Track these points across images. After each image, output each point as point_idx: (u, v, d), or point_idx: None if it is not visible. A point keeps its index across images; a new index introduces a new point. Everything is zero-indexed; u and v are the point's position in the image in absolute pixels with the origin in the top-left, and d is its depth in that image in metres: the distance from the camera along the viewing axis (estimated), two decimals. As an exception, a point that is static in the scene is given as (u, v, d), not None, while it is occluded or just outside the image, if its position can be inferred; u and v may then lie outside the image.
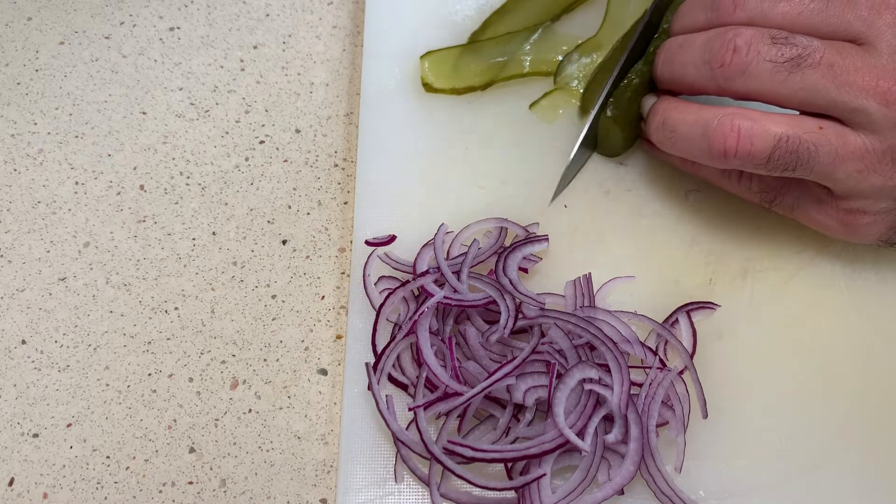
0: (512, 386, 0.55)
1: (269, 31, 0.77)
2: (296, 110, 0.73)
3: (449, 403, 0.54)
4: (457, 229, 0.63)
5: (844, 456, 0.56)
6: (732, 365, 0.59)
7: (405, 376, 0.58)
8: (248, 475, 0.58)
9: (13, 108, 0.72)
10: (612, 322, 0.58)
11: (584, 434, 0.53)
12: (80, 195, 0.68)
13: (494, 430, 0.55)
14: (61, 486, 0.57)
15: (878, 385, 0.59)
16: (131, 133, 0.71)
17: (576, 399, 0.54)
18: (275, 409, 0.60)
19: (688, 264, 0.63)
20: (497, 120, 0.69)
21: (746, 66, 0.53)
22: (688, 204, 0.65)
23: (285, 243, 0.66)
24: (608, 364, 0.56)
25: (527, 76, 0.71)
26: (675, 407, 0.56)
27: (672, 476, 0.55)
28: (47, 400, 0.60)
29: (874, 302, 0.61)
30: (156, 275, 0.65)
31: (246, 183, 0.69)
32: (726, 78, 0.54)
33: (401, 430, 0.55)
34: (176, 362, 0.61)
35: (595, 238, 0.64)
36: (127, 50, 0.76)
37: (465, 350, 0.57)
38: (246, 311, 0.63)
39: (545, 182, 0.66)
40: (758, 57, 0.52)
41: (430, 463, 0.54)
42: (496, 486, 0.53)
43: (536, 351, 0.56)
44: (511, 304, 0.57)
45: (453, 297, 0.57)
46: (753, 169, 0.54)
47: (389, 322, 0.60)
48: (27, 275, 0.65)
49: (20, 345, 0.62)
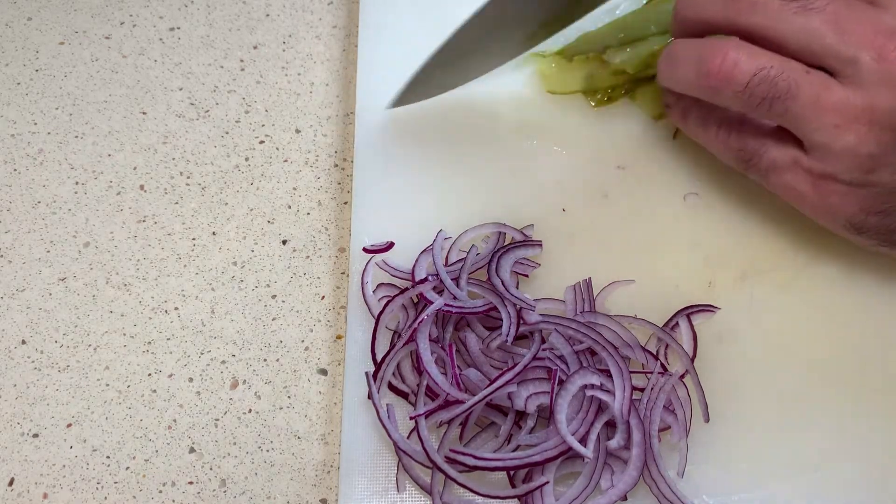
0: (513, 393, 0.53)
1: (269, 31, 0.75)
2: (296, 110, 0.71)
3: (450, 411, 0.52)
4: (455, 235, 0.61)
5: (846, 457, 0.55)
6: (733, 368, 0.57)
7: (405, 384, 0.56)
8: (248, 475, 0.56)
9: (13, 108, 0.71)
10: (613, 327, 0.56)
11: (587, 440, 0.51)
12: (80, 195, 0.67)
13: (496, 437, 0.53)
14: (61, 486, 0.56)
15: (878, 386, 0.57)
16: (131, 133, 0.70)
17: (578, 405, 0.53)
18: (275, 409, 0.58)
19: (687, 267, 0.61)
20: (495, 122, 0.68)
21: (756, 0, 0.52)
22: (686, 207, 0.63)
23: (285, 243, 0.65)
24: (609, 369, 0.54)
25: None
26: (676, 411, 0.54)
27: (675, 481, 0.53)
28: (47, 400, 0.59)
29: (874, 303, 0.60)
30: (156, 275, 0.63)
31: (246, 183, 0.67)
32: (737, 11, 0.53)
33: (402, 439, 0.53)
34: (176, 362, 0.60)
35: (594, 242, 0.62)
36: (127, 50, 0.74)
37: (466, 357, 0.56)
38: (246, 311, 0.62)
39: (545, 185, 0.64)
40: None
41: (432, 472, 0.52)
42: (499, 495, 0.51)
43: (537, 357, 0.54)
44: (512, 311, 0.55)
45: (453, 305, 0.56)
46: (732, 98, 0.53)
47: (388, 330, 0.58)
48: (27, 275, 0.63)
49: (20, 345, 0.61)
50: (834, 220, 0.55)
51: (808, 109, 0.51)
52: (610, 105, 0.67)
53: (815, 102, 0.50)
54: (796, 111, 0.51)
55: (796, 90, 0.51)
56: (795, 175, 0.55)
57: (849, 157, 0.51)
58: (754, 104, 0.52)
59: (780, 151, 0.55)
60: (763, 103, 0.52)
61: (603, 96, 0.67)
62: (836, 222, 0.55)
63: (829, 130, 0.51)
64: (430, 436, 0.53)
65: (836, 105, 0.50)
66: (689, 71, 0.55)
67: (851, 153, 0.51)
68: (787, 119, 0.52)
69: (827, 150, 0.51)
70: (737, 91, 0.52)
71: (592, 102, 0.67)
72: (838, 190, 0.53)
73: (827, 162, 0.52)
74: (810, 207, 0.56)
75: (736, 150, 0.57)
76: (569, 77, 0.68)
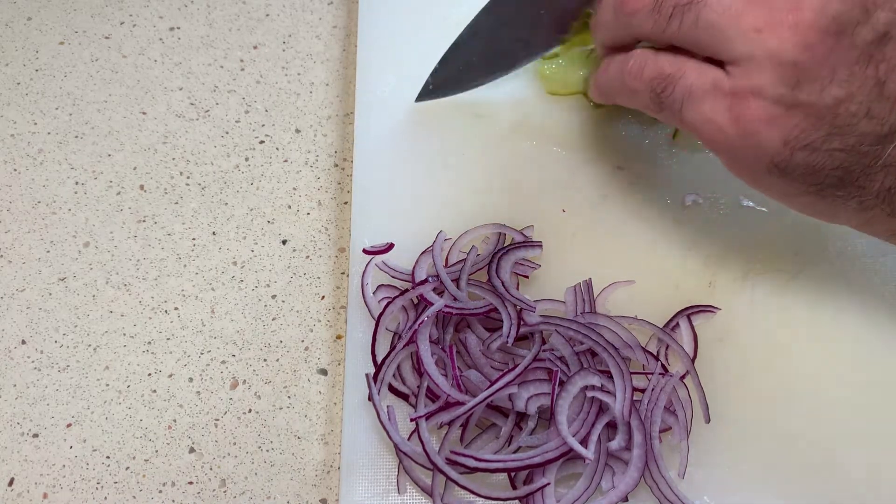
0: (514, 394, 0.52)
1: (269, 31, 0.74)
2: (296, 110, 0.70)
3: (451, 413, 0.52)
4: (455, 236, 0.60)
5: (847, 458, 0.54)
6: (734, 368, 0.57)
7: (406, 386, 0.55)
8: (248, 475, 0.56)
9: (13, 108, 0.70)
10: (613, 328, 0.56)
11: (588, 442, 0.51)
12: (80, 195, 0.66)
13: (497, 438, 0.53)
14: (61, 486, 0.55)
15: (879, 386, 0.56)
16: (131, 133, 0.69)
17: (578, 406, 0.52)
18: (275, 409, 0.58)
19: (687, 268, 0.60)
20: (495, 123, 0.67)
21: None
22: (686, 207, 0.63)
23: (285, 243, 0.64)
24: (610, 370, 0.53)
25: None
26: (677, 412, 0.53)
27: (675, 482, 0.52)
28: (47, 400, 0.58)
29: (874, 303, 0.59)
30: (156, 275, 0.62)
31: (246, 183, 0.66)
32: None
33: (403, 441, 0.52)
34: (176, 362, 0.59)
35: (593, 243, 0.61)
36: (127, 50, 0.73)
37: (466, 358, 0.55)
38: (246, 311, 0.61)
39: (545, 186, 0.64)
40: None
41: (433, 473, 0.52)
42: (500, 496, 0.51)
43: (538, 358, 0.53)
44: (513, 312, 0.54)
45: (454, 306, 0.55)
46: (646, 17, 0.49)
47: (389, 331, 0.57)
48: (27, 275, 0.62)
49: (20, 345, 0.60)
50: (756, 160, 0.49)
51: (725, 17, 0.46)
52: (609, 106, 0.66)
53: (731, 7, 0.46)
54: (712, 19, 0.46)
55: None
56: (714, 103, 0.48)
57: (773, 64, 0.46)
58: (666, 17, 0.48)
59: (699, 74, 0.49)
60: (675, 14, 0.48)
61: None
62: (759, 163, 0.49)
63: (751, 36, 0.45)
64: (430, 437, 0.52)
65: (757, 6, 0.45)
66: (607, 11, 0.52)
67: (775, 59, 0.45)
68: (703, 32, 0.47)
69: (749, 60, 0.46)
70: (648, 7, 0.49)
71: (592, 103, 0.66)
72: (761, 115, 0.47)
73: (750, 76, 0.47)
74: (731, 145, 0.49)
75: (650, 80, 0.51)
76: (569, 79, 0.67)
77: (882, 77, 0.44)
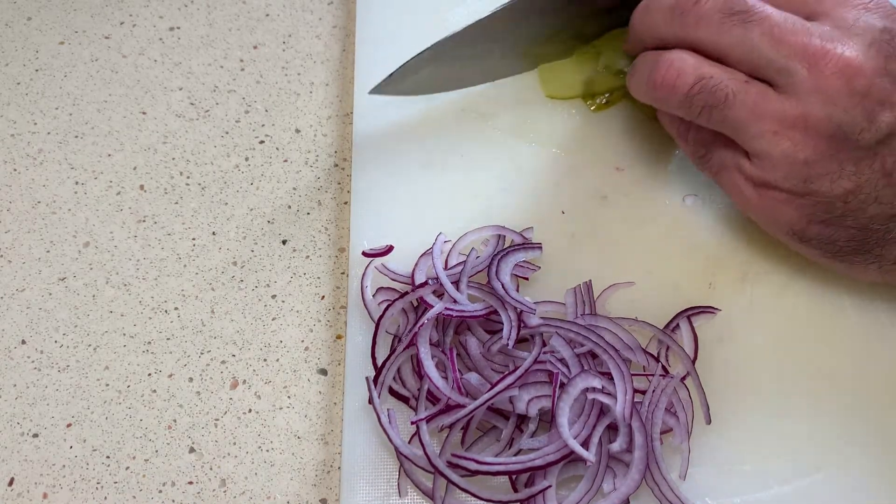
0: (515, 397, 0.51)
1: (269, 31, 0.73)
2: (296, 110, 0.69)
3: (451, 416, 0.50)
4: (454, 238, 0.59)
5: (848, 458, 0.53)
6: (734, 369, 0.55)
7: (406, 389, 0.53)
8: (248, 475, 0.54)
9: (13, 108, 0.69)
10: (614, 329, 0.54)
11: (589, 444, 0.49)
12: (80, 195, 0.64)
13: (498, 441, 0.51)
14: (61, 486, 0.54)
15: (879, 386, 0.55)
16: (131, 133, 0.68)
17: (579, 409, 0.51)
18: (275, 409, 0.56)
19: (687, 269, 0.59)
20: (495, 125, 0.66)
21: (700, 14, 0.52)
22: (685, 208, 0.62)
23: (285, 243, 0.63)
24: (611, 372, 0.52)
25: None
26: (678, 413, 0.52)
27: (677, 483, 0.51)
28: (47, 400, 0.57)
29: (874, 304, 0.58)
30: (156, 275, 0.61)
31: (246, 183, 0.65)
32: (683, 25, 0.53)
33: (403, 444, 0.51)
34: (176, 362, 0.58)
35: (593, 244, 0.60)
36: (127, 50, 0.72)
37: (467, 361, 0.53)
38: (246, 311, 0.60)
39: (545, 188, 0.63)
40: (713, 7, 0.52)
41: (433, 477, 0.50)
42: (501, 499, 0.49)
43: (538, 360, 0.52)
44: (513, 314, 0.53)
45: (454, 308, 0.53)
46: (678, 107, 0.54)
47: (388, 334, 0.56)
48: (27, 275, 0.61)
49: (20, 345, 0.59)
50: (777, 226, 0.55)
51: (746, 117, 0.51)
52: (609, 108, 0.66)
53: (752, 110, 0.51)
54: (734, 119, 0.52)
55: (734, 99, 0.51)
56: (740, 178, 0.55)
57: (786, 163, 0.51)
58: (696, 112, 0.53)
59: (727, 154, 0.55)
60: (703, 111, 0.53)
61: (602, 100, 0.66)
62: (780, 229, 0.55)
63: (768, 137, 0.51)
64: (431, 440, 0.51)
65: (773, 113, 0.50)
66: (642, 81, 0.56)
67: (789, 159, 0.51)
68: (727, 127, 0.53)
69: (766, 157, 0.52)
70: (680, 100, 0.53)
71: (592, 107, 0.66)
72: (779, 197, 0.53)
73: (767, 169, 0.52)
74: (755, 212, 0.56)
75: (693, 145, 0.57)
76: (568, 82, 0.66)
77: (889, 169, 0.49)
